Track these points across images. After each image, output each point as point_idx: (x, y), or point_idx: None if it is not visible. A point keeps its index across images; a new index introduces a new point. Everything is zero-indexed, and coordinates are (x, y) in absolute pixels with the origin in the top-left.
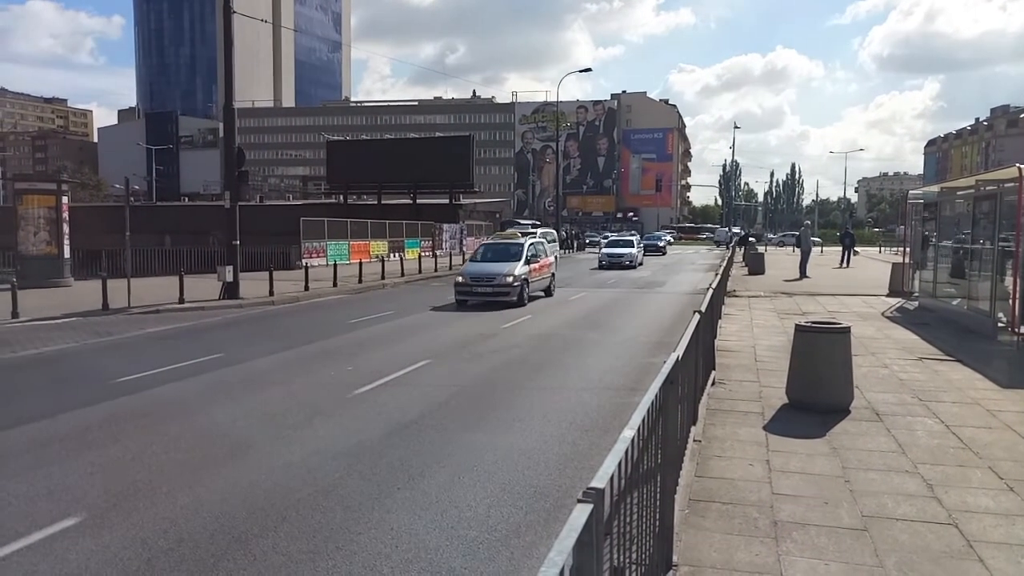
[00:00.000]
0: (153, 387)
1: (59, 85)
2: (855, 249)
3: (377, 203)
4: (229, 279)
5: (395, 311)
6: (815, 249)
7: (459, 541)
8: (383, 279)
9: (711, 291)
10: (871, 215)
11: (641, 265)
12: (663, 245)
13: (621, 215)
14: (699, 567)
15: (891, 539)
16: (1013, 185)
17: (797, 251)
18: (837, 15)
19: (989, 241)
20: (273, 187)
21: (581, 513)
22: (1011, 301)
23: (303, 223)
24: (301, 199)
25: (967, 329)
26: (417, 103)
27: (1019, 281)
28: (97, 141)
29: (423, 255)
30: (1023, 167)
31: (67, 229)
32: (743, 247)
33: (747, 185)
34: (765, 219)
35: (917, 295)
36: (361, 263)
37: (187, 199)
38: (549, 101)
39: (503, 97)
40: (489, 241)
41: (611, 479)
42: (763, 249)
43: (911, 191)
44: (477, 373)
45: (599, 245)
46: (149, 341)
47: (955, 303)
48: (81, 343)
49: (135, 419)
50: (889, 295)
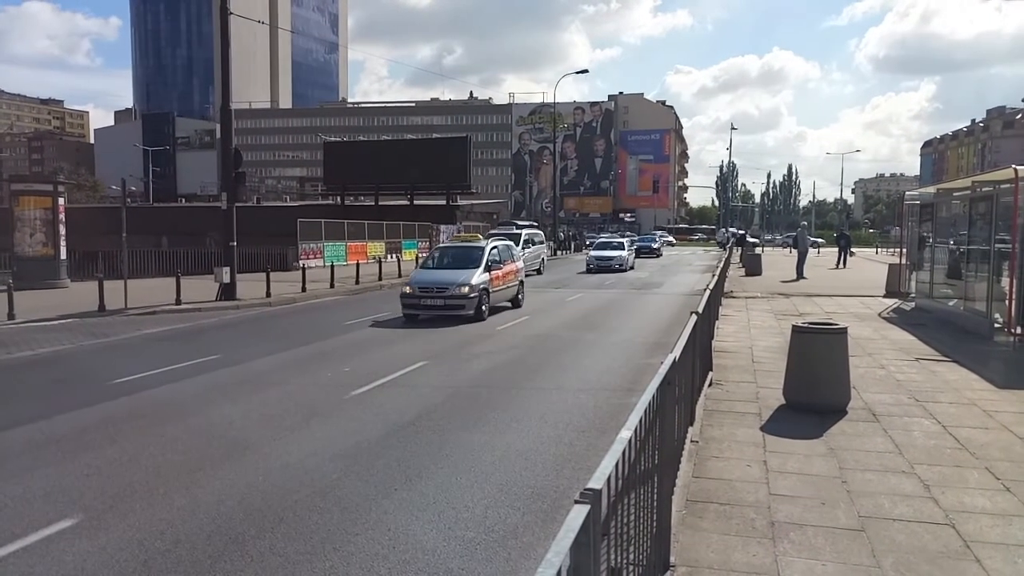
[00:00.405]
0: (150, 388)
1: (56, 86)
2: (851, 250)
3: (374, 204)
4: (226, 280)
5: (392, 312)
6: (812, 250)
7: (457, 542)
8: (380, 280)
9: (708, 292)
10: (868, 216)
11: (632, 269)
12: (658, 247)
13: (621, 216)
14: (696, 568)
15: (888, 539)
16: (1009, 186)
17: (794, 252)
18: (833, 16)
19: (985, 242)
20: (270, 188)
21: (578, 514)
22: (1007, 302)
23: (300, 224)
24: (298, 200)
25: (964, 330)
26: (414, 104)
27: (1015, 282)
28: (94, 142)
29: (420, 256)
30: (1019, 168)
31: (63, 230)
32: (740, 248)
33: (744, 186)
34: (762, 220)
35: (914, 296)
36: (358, 264)
37: (184, 200)
38: (546, 102)
39: (500, 98)
40: (444, 244)
41: (608, 480)
42: (760, 250)
43: (907, 192)
44: (474, 374)
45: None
46: (146, 342)
47: (952, 304)
48: (78, 344)
49: (132, 420)
50: (886, 296)
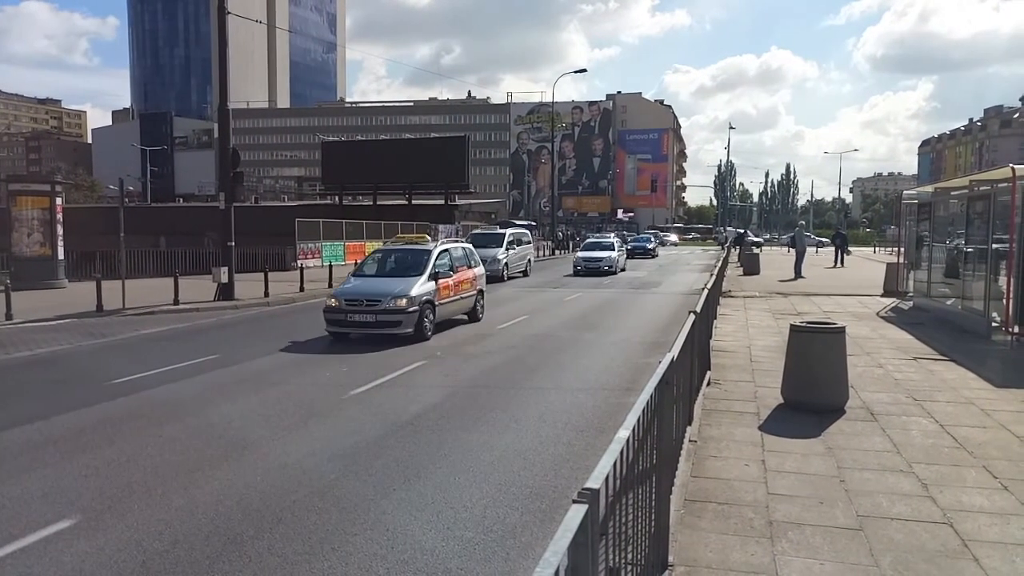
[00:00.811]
0: (148, 389)
1: (53, 86)
2: (848, 249)
3: (373, 204)
4: (224, 280)
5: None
6: (810, 249)
7: (455, 542)
8: None
9: (706, 291)
10: (866, 215)
11: (623, 271)
12: (653, 247)
13: (620, 215)
14: (695, 567)
15: (886, 539)
16: (1006, 185)
17: (792, 251)
18: (831, 16)
19: (983, 241)
20: (268, 188)
21: (576, 514)
22: (1005, 301)
23: (298, 224)
24: (296, 200)
25: (961, 329)
26: (412, 104)
27: (1013, 281)
28: (91, 142)
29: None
30: (1016, 167)
31: (61, 230)
32: (738, 247)
33: (742, 185)
34: (760, 219)
35: (912, 295)
36: (356, 264)
37: (182, 200)
38: (544, 102)
39: (498, 98)
40: (383, 247)
41: (606, 479)
42: (758, 250)
43: (905, 191)
44: (473, 373)
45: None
46: (144, 342)
47: (949, 303)
48: (76, 344)
49: (130, 421)
50: (884, 295)
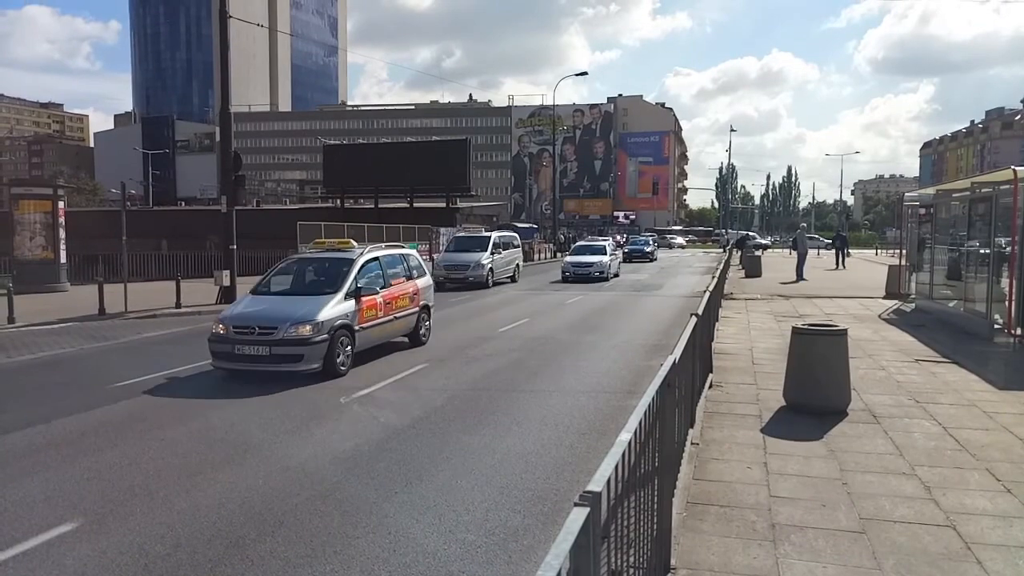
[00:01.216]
0: (150, 392)
1: (55, 90)
2: (847, 251)
3: (374, 207)
4: (226, 283)
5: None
6: (812, 251)
7: (457, 544)
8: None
9: (708, 294)
10: (867, 217)
11: (616, 277)
12: (651, 250)
13: (620, 218)
14: (697, 570)
15: (889, 541)
16: (1008, 187)
17: (793, 254)
18: (832, 18)
19: (985, 243)
20: (270, 191)
21: (578, 516)
22: (1007, 303)
23: (300, 227)
24: (298, 203)
25: (963, 331)
26: (414, 107)
27: (1015, 283)
28: (93, 146)
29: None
30: (1018, 169)
31: (63, 234)
32: (740, 250)
33: (743, 188)
34: (762, 222)
35: (914, 297)
36: None
37: (184, 203)
38: (546, 105)
39: (500, 101)
40: (296, 256)
41: (608, 482)
42: (760, 253)
43: (907, 193)
44: (474, 376)
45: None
46: (146, 346)
47: (951, 305)
48: (78, 348)
49: (132, 424)
50: (886, 297)
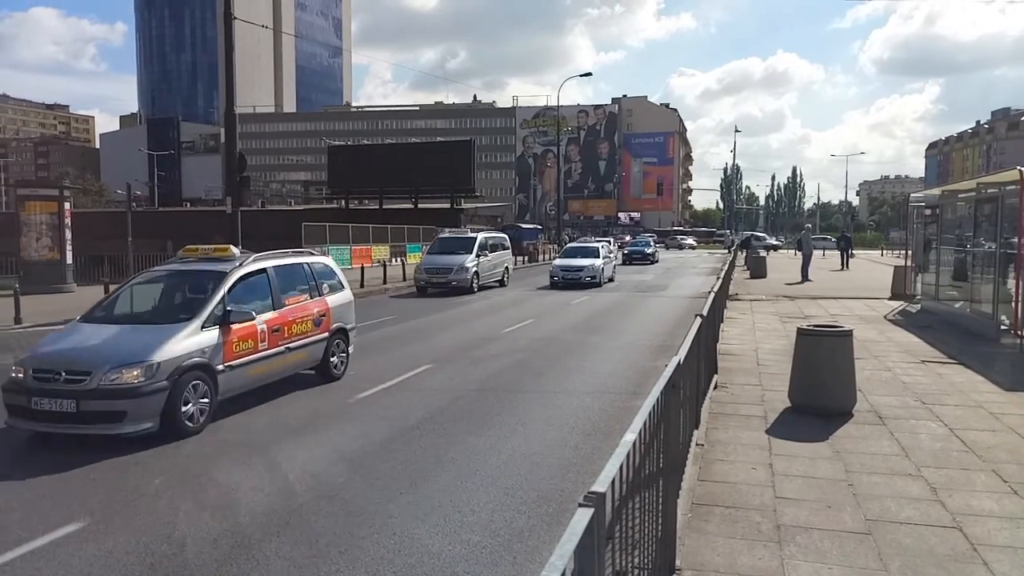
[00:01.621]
0: None
1: (61, 91)
2: (851, 251)
3: (379, 208)
4: None
5: (396, 316)
6: (816, 252)
7: (462, 545)
8: (385, 284)
9: (713, 295)
10: (873, 218)
11: (610, 281)
12: (652, 252)
13: (622, 218)
14: (702, 571)
15: (895, 543)
16: (1015, 187)
17: (798, 255)
18: (837, 19)
19: (991, 244)
20: (275, 192)
21: (583, 517)
22: (1014, 304)
23: (305, 228)
24: (303, 204)
25: (970, 332)
26: (418, 108)
27: (1022, 283)
28: (99, 147)
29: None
30: None
31: (69, 235)
32: (745, 250)
33: (748, 189)
34: (767, 222)
35: (919, 298)
36: (363, 268)
37: (189, 204)
38: (550, 105)
39: (504, 102)
40: (155, 270)
41: (612, 483)
42: (765, 253)
43: (912, 194)
44: (479, 377)
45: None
46: None
47: (957, 306)
48: None
49: None
50: (891, 298)
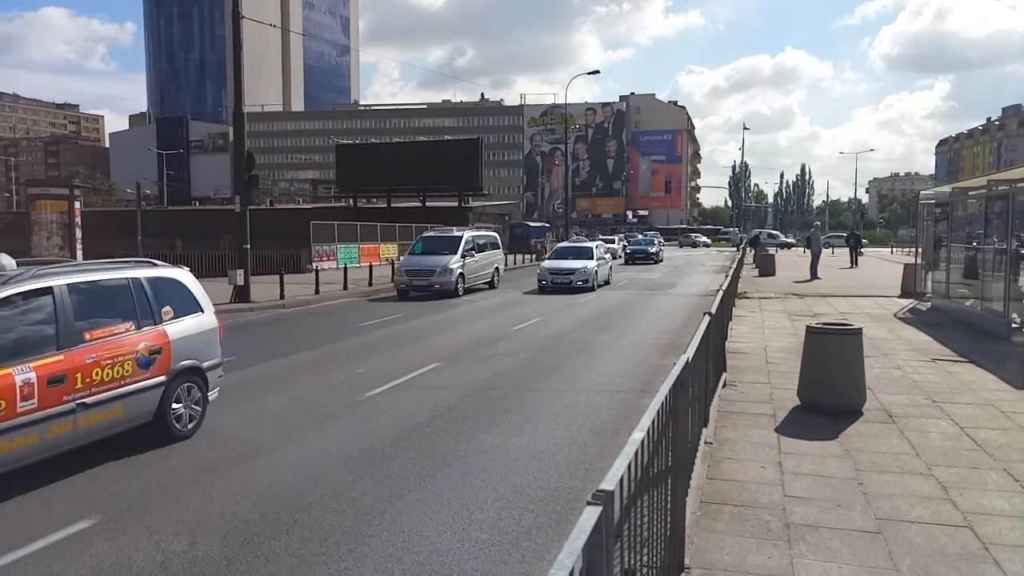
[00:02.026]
0: None
1: (72, 91)
2: (860, 250)
3: (387, 206)
4: (240, 282)
5: (405, 314)
6: (825, 250)
7: (470, 543)
8: (393, 282)
9: (721, 293)
10: (883, 216)
11: (607, 284)
12: (656, 251)
13: (630, 217)
14: (711, 570)
15: (905, 542)
16: None
17: (807, 252)
18: (846, 16)
19: (1002, 241)
20: (283, 191)
21: (591, 515)
22: None
23: (313, 226)
24: (311, 202)
25: (980, 330)
26: (426, 106)
27: None
28: (109, 146)
29: None
30: None
31: (80, 234)
32: (754, 248)
33: (757, 186)
34: (776, 220)
35: (930, 296)
36: (371, 266)
37: (198, 203)
38: (558, 103)
39: (511, 100)
40: None
41: (621, 481)
42: (774, 251)
43: (923, 191)
44: (487, 376)
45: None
46: None
47: (968, 304)
48: None
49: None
50: (901, 296)
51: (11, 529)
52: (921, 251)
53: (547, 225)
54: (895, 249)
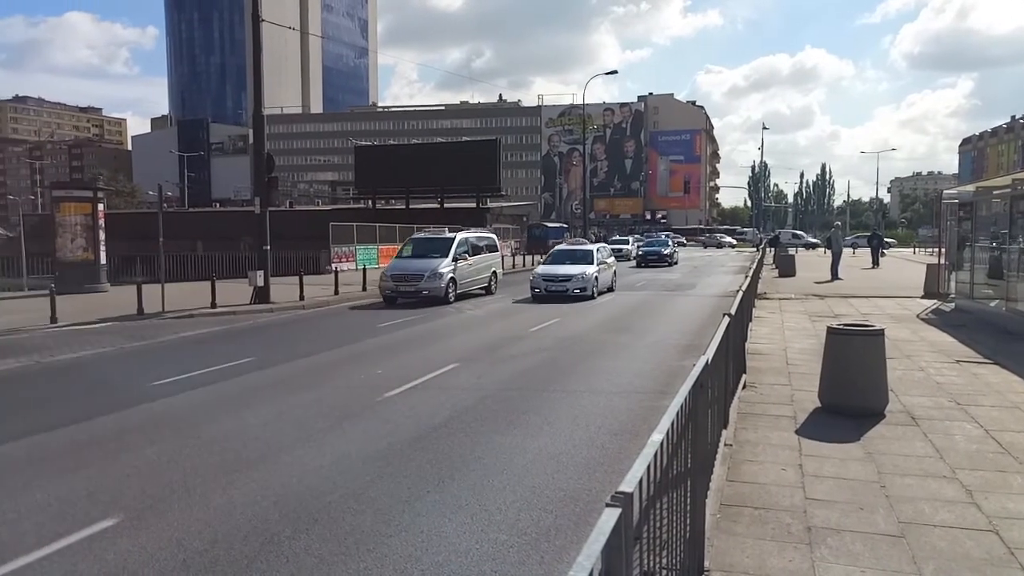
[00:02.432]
0: (187, 390)
1: (95, 95)
2: (883, 250)
3: (405, 207)
4: (260, 284)
5: (424, 315)
6: (847, 250)
7: (489, 544)
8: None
9: (741, 294)
10: (904, 215)
11: (611, 291)
12: (669, 252)
13: (649, 217)
14: (731, 573)
15: (929, 546)
16: None
17: (828, 253)
18: (867, 14)
19: None
20: (302, 192)
21: (610, 517)
22: None
23: (332, 228)
24: (330, 204)
25: (1005, 331)
26: (444, 107)
27: None
28: (131, 149)
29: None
30: None
31: (103, 235)
32: (773, 248)
33: (776, 186)
34: (795, 220)
35: (953, 297)
36: None
37: (218, 205)
38: (575, 104)
39: (529, 100)
40: None
41: (640, 483)
42: (794, 251)
43: (946, 191)
44: (506, 376)
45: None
46: (183, 345)
47: (993, 304)
48: (117, 347)
49: (170, 422)
50: (924, 297)
51: (37, 526)
52: (944, 251)
53: (565, 226)
54: (917, 249)
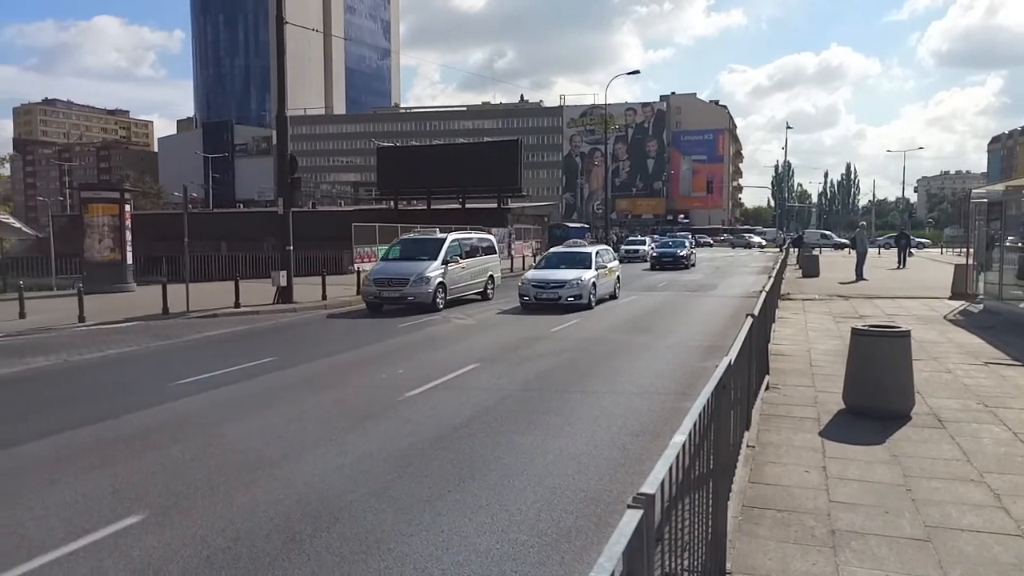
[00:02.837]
0: (211, 389)
1: (122, 97)
2: (911, 250)
3: (427, 208)
4: (283, 284)
5: (443, 315)
6: (872, 250)
7: (509, 544)
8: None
9: (764, 294)
10: (932, 215)
11: (612, 299)
12: (686, 254)
13: (671, 217)
14: (753, 575)
15: (956, 550)
16: None
17: (852, 253)
18: (894, 11)
19: None
20: (325, 193)
21: (631, 519)
22: None
23: (355, 228)
24: (352, 205)
25: None
26: (465, 108)
27: None
28: (157, 150)
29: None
30: None
31: (129, 236)
32: (797, 249)
33: (800, 186)
34: (820, 220)
35: (982, 297)
36: None
37: (242, 206)
38: (597, 104)
39: (551, 101)
40: None
41: (662, 485)
42: (818, 251)
43: (974, 190)
44: (526, 377)
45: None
46: (207, 344)
47: (1022, 306)
48: (143, 346)
49: (194, 420)
50: (952, 298)
51: (64, 523)
52: (972, 251)
53: (586, 226)
54: (945, 249)
